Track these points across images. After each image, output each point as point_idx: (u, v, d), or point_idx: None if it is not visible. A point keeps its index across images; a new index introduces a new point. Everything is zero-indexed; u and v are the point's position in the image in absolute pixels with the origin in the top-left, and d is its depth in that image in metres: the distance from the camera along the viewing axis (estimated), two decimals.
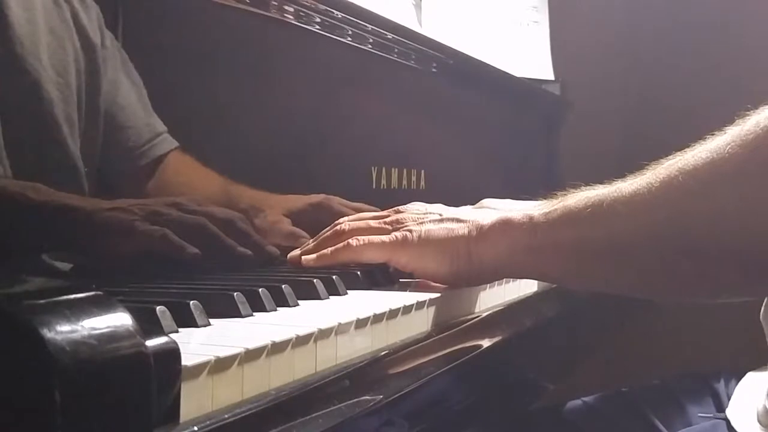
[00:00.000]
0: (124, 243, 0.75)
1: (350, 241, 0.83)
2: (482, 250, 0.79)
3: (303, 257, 0.85)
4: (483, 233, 0.79)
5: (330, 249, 0.84)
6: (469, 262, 0.79)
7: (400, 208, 0.87)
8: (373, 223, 0.86)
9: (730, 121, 0.69)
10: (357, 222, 0.87)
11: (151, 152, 0.83)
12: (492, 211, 0.82)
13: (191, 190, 0.86)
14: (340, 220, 0.88)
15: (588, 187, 0.76)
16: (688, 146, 0.70)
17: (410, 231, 0.81)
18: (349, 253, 0.82)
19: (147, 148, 0.82)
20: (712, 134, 0.68)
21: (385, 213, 0.88)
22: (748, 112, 0.67)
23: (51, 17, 0.76)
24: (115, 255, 0.74)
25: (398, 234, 0.82)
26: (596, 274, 0.76)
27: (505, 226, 0.78)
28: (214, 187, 0.89)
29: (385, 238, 0.82)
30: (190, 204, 0.81)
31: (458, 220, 0.81)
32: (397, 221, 0.84)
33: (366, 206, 1.07)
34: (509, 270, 0.83)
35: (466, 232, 0.80)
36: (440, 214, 0.83)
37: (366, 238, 0.83)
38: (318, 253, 0.84)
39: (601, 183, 0.77)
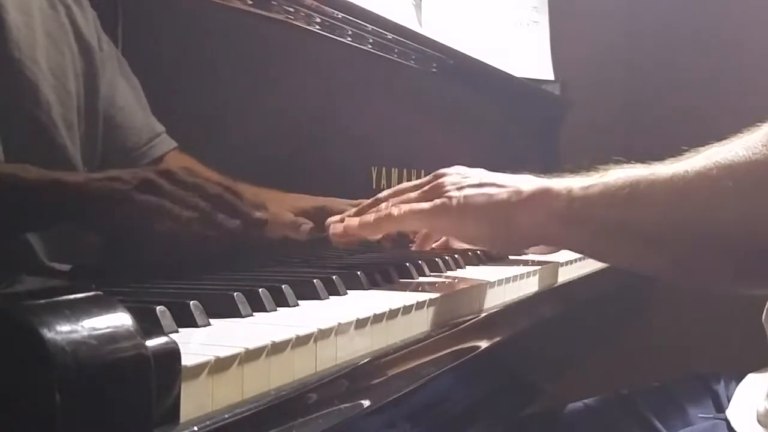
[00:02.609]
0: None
1: (392, 210, 0.82)
2: (520, 215, 0.79)
3: (345, 224, 0.85)
4: (522, 199, 0.79)
5: (372, 217, 0.83)
6: (507, 227, 0.80)
7: (440, 172, 0.87)
8: (413, 193, 0.86)
9: (729, 121, 0.69)
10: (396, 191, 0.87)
11: (150, 152, 0.83)
12: (531, 177, 0.82)
13: None
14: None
15: (628, 165, 0.76)
16: (707, 143, 0.70)
17: (449, 197, 0.81)
18: (391, 222, 0.82)
19: (146, 149, 0.82)
20: (748, 129, 0.68)
21: (425, 180, 0.87)
22: None
23: (48, 21, 0.75)
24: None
25: (438, 201, 0.82)
26: (625, 253, 0.77)
27: (543, 194, 0.79)
28: None
29: (425, 205, 0.82)
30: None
31: (498, 185, 0.81)
32: (437, 187, 0.84)
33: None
34: (543, 238, 0.83)
35: (505, 197, 0.80)
36: (480, 179, 0.83)
37: (407, 207, 0.82)
38: (361, 219, 0.83)
39: None
